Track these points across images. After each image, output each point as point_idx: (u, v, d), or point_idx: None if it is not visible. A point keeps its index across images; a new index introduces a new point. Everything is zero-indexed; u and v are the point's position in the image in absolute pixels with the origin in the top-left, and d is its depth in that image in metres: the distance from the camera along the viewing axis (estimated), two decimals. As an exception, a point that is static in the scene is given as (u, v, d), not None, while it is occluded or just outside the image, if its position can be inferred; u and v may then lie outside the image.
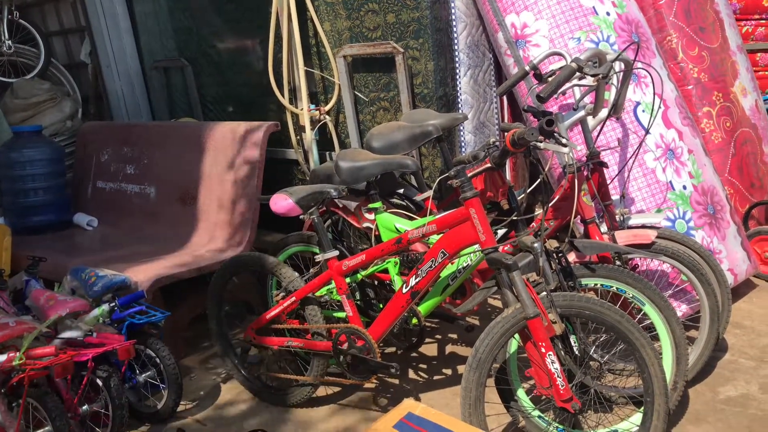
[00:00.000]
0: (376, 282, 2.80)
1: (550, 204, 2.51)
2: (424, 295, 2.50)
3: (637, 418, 2.21)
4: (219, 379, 3.11)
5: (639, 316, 2.37)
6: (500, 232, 2.58)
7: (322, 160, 3.78)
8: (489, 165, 2.18)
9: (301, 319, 2.72)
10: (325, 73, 3.70)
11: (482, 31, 3.36)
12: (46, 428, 2.37)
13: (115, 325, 2.74)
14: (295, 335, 2.71)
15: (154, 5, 4.60)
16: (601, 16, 3.03)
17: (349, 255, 2.62)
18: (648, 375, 2.08)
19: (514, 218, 2.22)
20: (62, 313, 2.68)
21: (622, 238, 2.50)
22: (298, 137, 3.81)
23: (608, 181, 2.63)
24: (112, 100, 4.96)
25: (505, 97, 3.53)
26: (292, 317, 2.76)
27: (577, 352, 2.16)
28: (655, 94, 2.90)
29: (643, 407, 2.13)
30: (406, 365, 3.04)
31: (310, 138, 3.68)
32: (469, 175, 2.14)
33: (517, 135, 2.00)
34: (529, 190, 2.48)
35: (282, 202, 2.53)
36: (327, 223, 3.08)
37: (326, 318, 2.71)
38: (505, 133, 2.06)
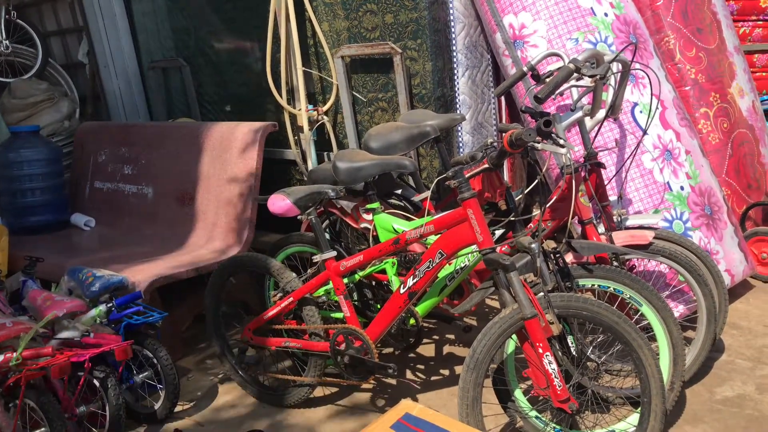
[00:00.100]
0: (373, 282, 2.80)
1: (548, 205, 2.51)
2: (421, 296, 2.50)
3: (634, 418, 2.21)
4: (216, 380, 3.10)
5: (636, 317, 2.37)
6: (498, 232, 2.58)
7: (320, 160, 3.78)
8: (487, 166, 2.18)
9: (298, 319, 2.72)
10: (323, 73, 3.70)
11: (480, 31, 3.36)
12: (43, 429, 2.37)
13: (112, 326, 2.74)
14: (293, 336, 2.71)
15: (152, 5, 4.59)
16: (599, 17, 3.03)
17: (347, 255, 2.62)
18: (645, 375, 2.08)
19: (512, 219, 2.23)
20: (59, 314, 2.68)
21: (620, 238, 2.51)
22: (296, 137, 3.80)
23: (606, 182, 2.63)
24: (110, 100, 4.95)
25: (503, 98, 3.53)
26: (290, 318, 2.76)
27: (574, 353, 2.16)
28: (653, 94, 2.90)
29: (640, 408, 2.13)
30: (404, 366, 3.04)
31: (308, 138, 3.68)
32: (466, 175, 2.14)
33: (515, 136, 2.00)
34: (526, 191, 2.49)
35: (280, 203, 2.53)
36: (325, 223, 3.08)
37: (324, 318, 2.71)
38: (503, 134, 2.06)
